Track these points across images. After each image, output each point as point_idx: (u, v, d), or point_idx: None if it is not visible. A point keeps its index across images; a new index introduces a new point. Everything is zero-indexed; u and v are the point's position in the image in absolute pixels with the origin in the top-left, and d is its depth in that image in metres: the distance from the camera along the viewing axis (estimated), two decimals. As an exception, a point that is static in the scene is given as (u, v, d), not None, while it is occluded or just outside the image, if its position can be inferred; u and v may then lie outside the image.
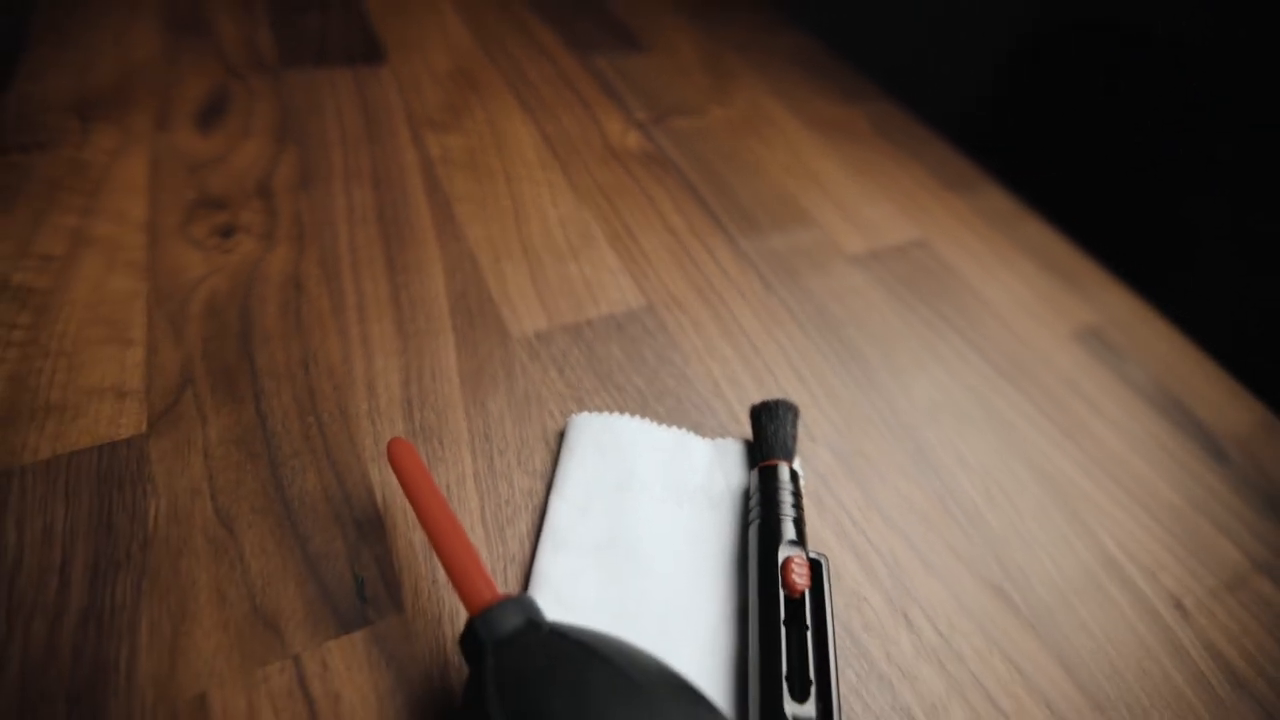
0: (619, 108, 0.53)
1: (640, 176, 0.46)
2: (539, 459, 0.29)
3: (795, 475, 0.27)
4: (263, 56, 0.48)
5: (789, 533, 0.25)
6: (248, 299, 0.32)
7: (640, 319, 0.36)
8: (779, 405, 0.30)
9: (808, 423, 0.33)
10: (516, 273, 0.37)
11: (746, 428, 0.32)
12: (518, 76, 0.54)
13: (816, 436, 0.33)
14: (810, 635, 0.23)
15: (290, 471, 0.26)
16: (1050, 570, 0.30)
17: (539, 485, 0.28)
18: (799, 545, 0.25)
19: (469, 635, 0.19)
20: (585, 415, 0.30)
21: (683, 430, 0.31)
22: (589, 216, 0.42)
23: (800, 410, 0.32)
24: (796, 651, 0.22)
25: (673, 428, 0.31)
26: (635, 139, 0.50)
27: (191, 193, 0.37)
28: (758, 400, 0.32)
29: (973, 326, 0.42)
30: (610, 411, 0.31)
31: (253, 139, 0.41)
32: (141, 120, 0.41)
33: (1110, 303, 0.47)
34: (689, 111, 0.55)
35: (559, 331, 0.34)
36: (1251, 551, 0.34)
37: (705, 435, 0.31)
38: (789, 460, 0.28)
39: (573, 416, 0.30)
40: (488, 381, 0.31)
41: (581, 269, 0.38)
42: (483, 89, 0.51)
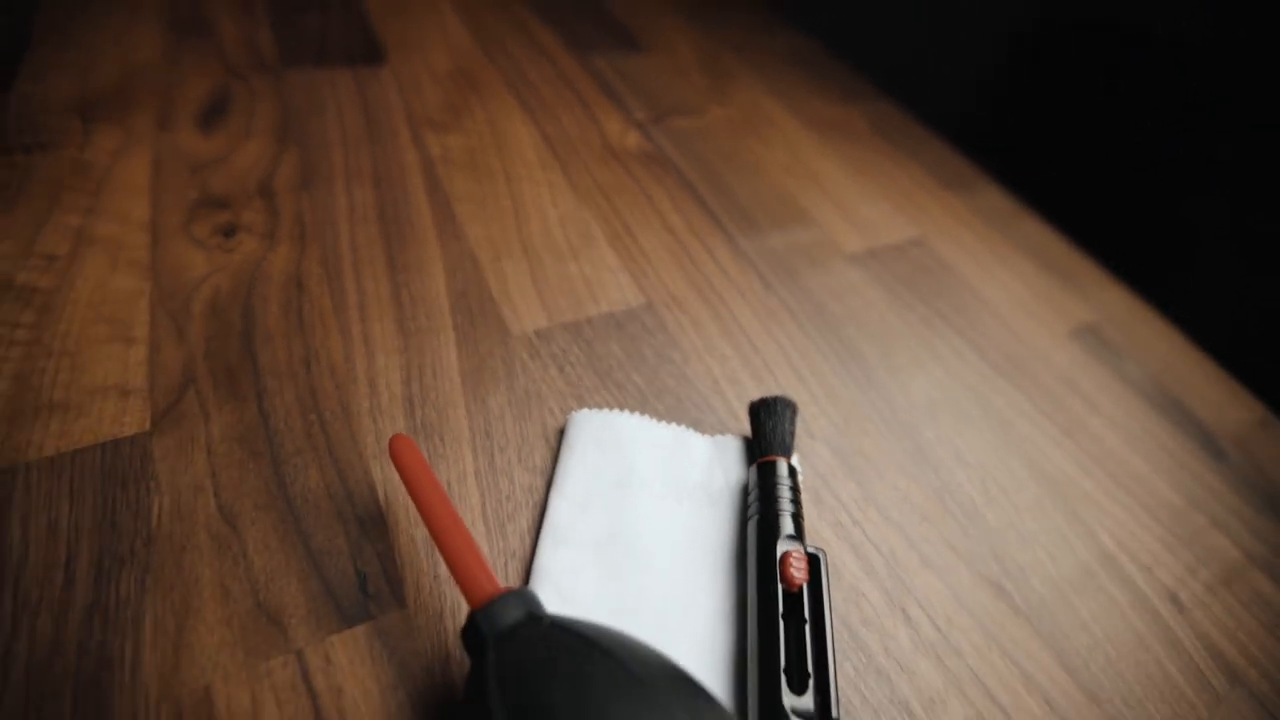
0: (618, 108, 0.53)
1: (640, 176, 0.47)
2: (539, 456, 0.29)
3: (793, 471, 0.28)
4: (264, 57, 0.49)
5: (787, 528, 0.25)
6: (250, 298, 0.32)
7: (640, 317, 0.36)
8: (777, 402, 0.30)
9: (806, 420, 0.33)
10: (517, 272, 0.37)
11: (745, 425, 0.32)
12: (517, 77, 0.54)
13: (815, 434, 0.33)
14: (809, 629, 0.23)
15: (293, 469, 0.26)
16: (1048, 566, 0.30)
17: (539, 482, 0.28)
18: (797, 540, 0.25)
19: (471, 628, 0.19)
20: (585, 412, 0.30)
21: (682, 427, 0.31)
22: (589, 216, 0.42)
23: (799, 407, 0.33)
24: (795, 645, 0.23)
25: (672, 425, 0.31)
26: (634, 139, 0.50)
27: (193, 192, 0.37)
28: (756, 397, 0.33)
29: (971, 325, 0.42)
30: (610, 409, 0.31)
31: (254, 139, 0.41)
32: (143, 120, 0.41)
33: (1108, 301, 0.47)
34: (688, 111, 0.55)
35: (559, 330, 0.34)
36: (1248, 547, 0.34)
37: (704, 432, 0.31)
38: (787, 456, 0.28)
39: (573, 413, 0.30)
40: (488, 379, 0.31)
41: (581, 268, 0.38)
42: (483, 89, 0.51)
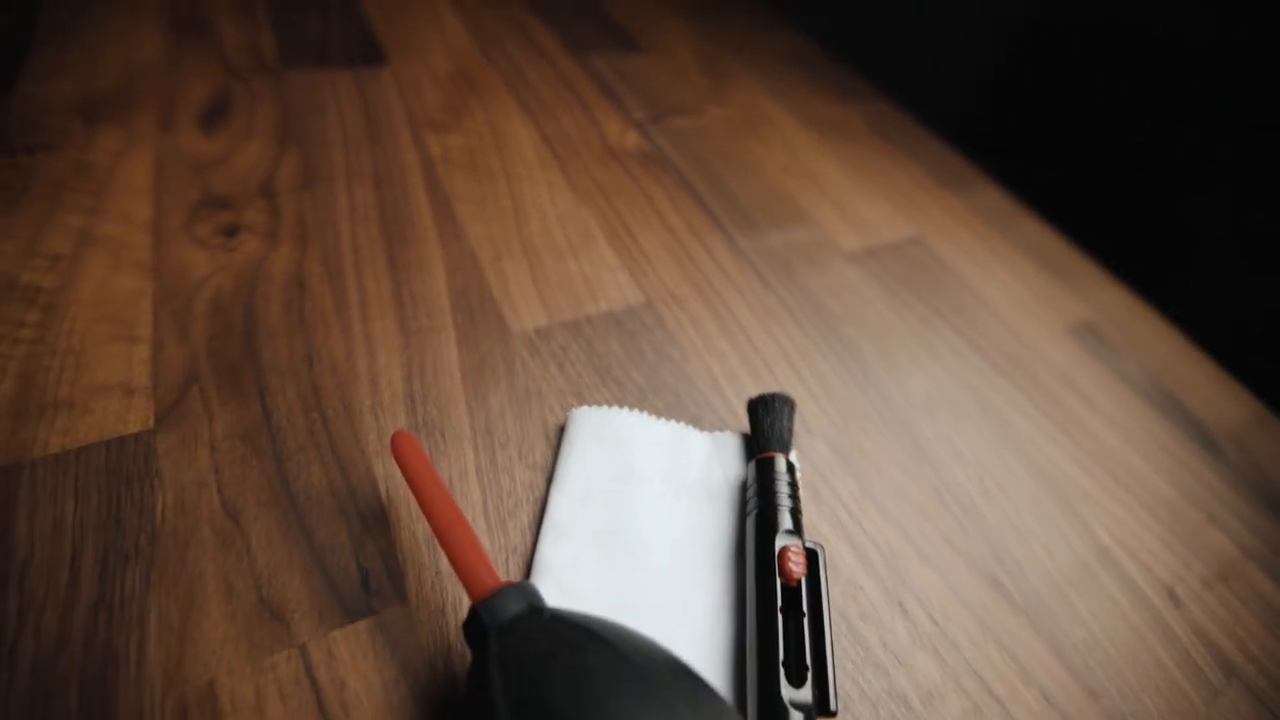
0: (617, 108, 0.53)
1: (639, 176, 0.47)
2: (540, 452, 0.29)
3: (791, 467, 0.28)
4: (264, 58, 0.49)
5: (785, 522, 0.25)
6: (252, 297, 0.33)
7: (639, 315, 0.36)
8: (775, 398, 0.30)
9: (805, 417, 0.33)
10: (517, 270, 0.37)
11: (744, 422, 0.32)
12: (517, 78, 0.54)
13: (814, 431, 0.33)
14: (807, 622, 0.23)
15: (295, 465, 0.27)
16: (1044, 561, 0.30)
17: (540, 478, 0.28)
18: (795, 535, 0.25)
19: (473, 621, 0.19)
20: (585, 409, 0.30)
21: (681, 424, 0.31)
22: (588, 215, 0.42)
23: (797, 404, 0.33)
24: (793, 638, 0.23)
25: (671, 421, 0.31)
26: (634, 139, 0.50)
27: (195, 193, 0.37)
28: (755, 394, 0.33)
29: (968, 323, 0.42)
30: (610, 406, 0.31)
31: (255, 140, 0.42)
32: (145, 122, 0.41)
33: (1105, 299, 0.47)
34: (687, 112, 0.55)
35: (559, 328, 0.35)
36: (1244, 543, 0.34)
37: (703, 429, 0.32)
38: (785, 452, 0.28)
39: (573, 410, 0.30)
40: (489, 377, 0.32)
41: (581, 267, 0.39)
42: (482, 90, 0.52)
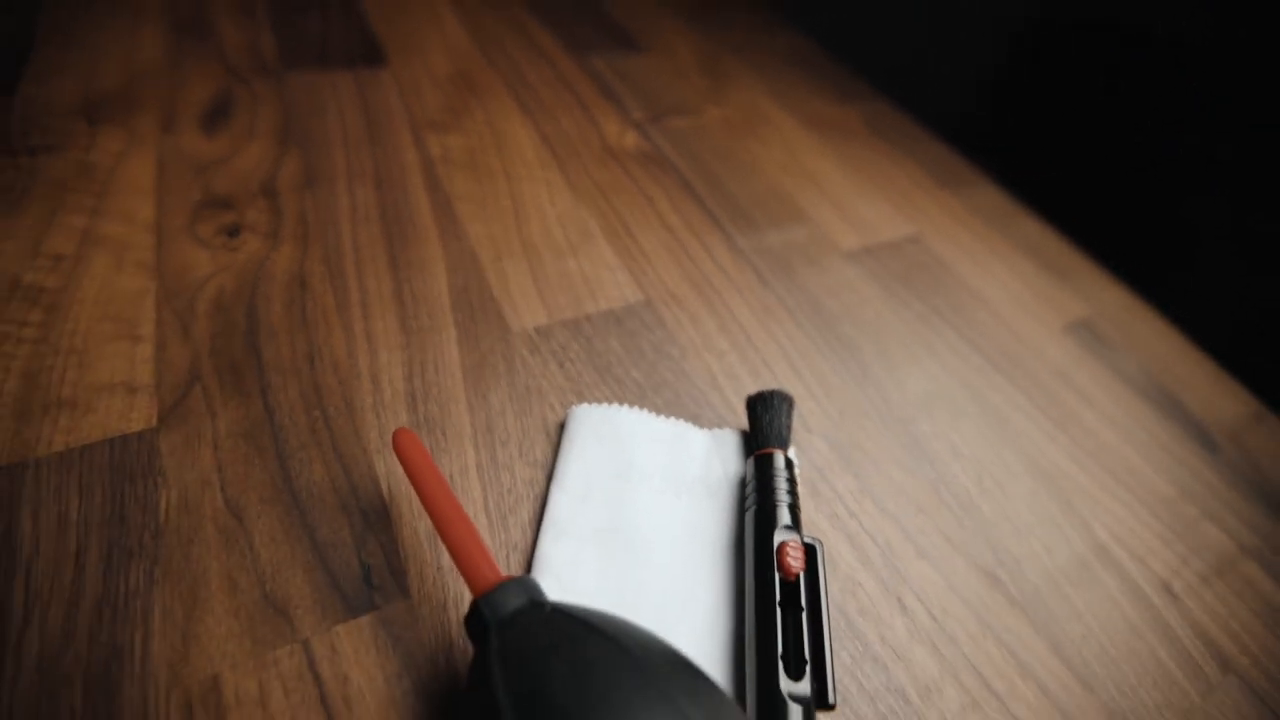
0: (617, 108, 0.54)
1: (638, 176, 0.47)
2: (540, 450, 0.29)
3: (790, 463, 0.28)
4: (265, 59, 0.49)
5: (784, 518, 0.25)
6: (254, 296, 0.33)
7: (638, 314, 0.37)
8: (774, 395, 0.31)
9: (803, 414, 0.34)
10: (517, 269, 0.38)
11: (743, 419, 0.33)
12: (516, 78, 0.54)
13: (812, 428, 0.33)
14: (805, 617, 0.23)
15: (298, 463, 0.27)
16: (1042, 556, 0.31)
17: (540, 475, 0.29)
18: (794, 530, 0.25)
19: (474, 615, 0.19)
20: (585, 406, 0.30)
21: (681, 421, 0.31)
22: (587, 214, 0.43)
23: (795, 401, 0.33)
24: (792, 632, 0.23)
25: (671, 419, 0.31)
26: (633, 139, 0.50)
27: (197, 193, 0.38)
28: (753, 392, 0.33)
29: (966, 321, 0.42)
30: (609, 403, 0.32)
31: (257, 140, 0.42)
32: (147, 122, 0.41)
33: (1103, 297, 0.48)
34: (686, 112, 0.55)
35: (559, 326, 0.35)
36: (1240, 538, 0.34)
37: (703, 426, 0.32)
38: (784, 449, 0.28)
39: (573, 408, 0.30)
40: (489, 375, 0.32)
41: (580, 266, 0.39)
42: (482, 91, 0.52)
